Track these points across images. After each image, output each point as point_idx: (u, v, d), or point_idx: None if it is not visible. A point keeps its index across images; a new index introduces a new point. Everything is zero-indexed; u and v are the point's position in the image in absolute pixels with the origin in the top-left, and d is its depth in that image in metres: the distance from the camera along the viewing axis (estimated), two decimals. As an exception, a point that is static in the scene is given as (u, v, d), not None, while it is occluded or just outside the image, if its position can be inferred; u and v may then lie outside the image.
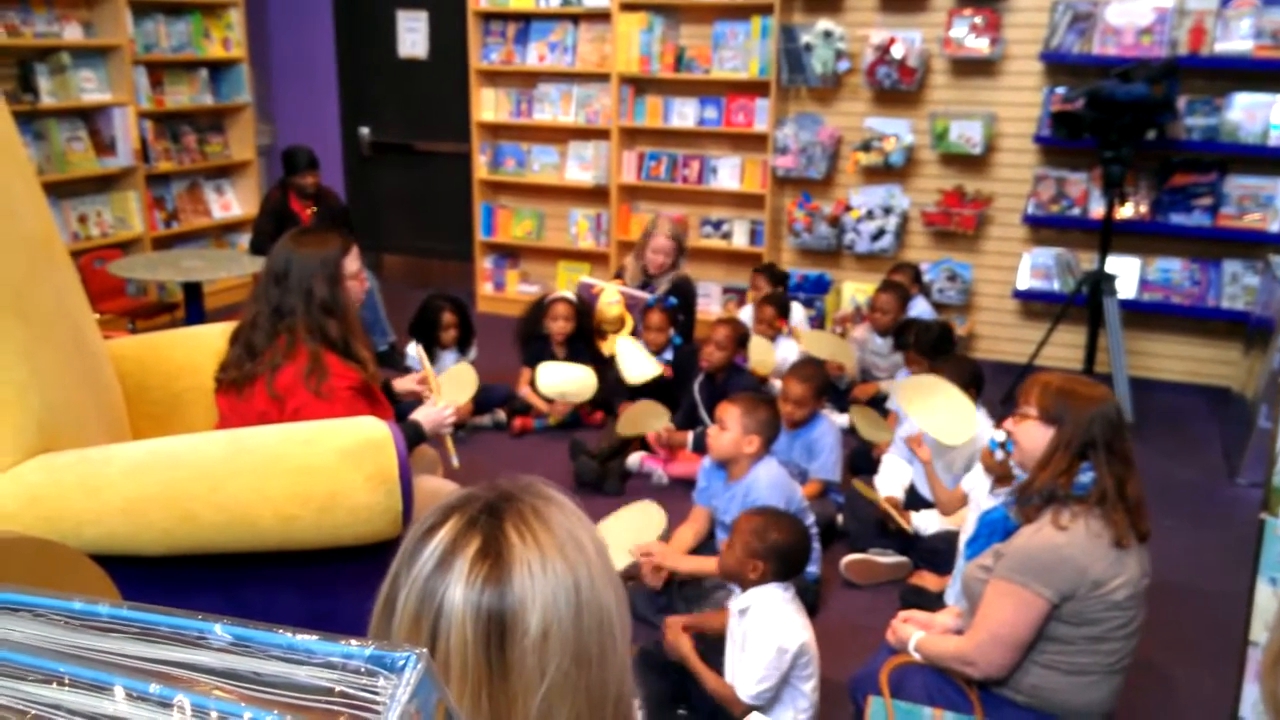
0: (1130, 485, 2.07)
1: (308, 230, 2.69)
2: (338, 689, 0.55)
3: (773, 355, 4.45)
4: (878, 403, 4.39)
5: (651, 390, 4.29)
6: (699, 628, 2.66)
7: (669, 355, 4.44)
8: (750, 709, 2.36)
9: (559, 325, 4.56)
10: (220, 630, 0.59)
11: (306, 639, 0.58)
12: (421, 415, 2.71)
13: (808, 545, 2.54)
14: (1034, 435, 2.16)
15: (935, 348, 3.98)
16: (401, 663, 0.56)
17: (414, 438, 2.62)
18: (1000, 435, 2.64)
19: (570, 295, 4.68)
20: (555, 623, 0.86)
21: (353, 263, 2.60)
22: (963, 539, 2.72)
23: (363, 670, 0.56)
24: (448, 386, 3.93)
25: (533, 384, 4.52)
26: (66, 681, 0.55)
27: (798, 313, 5.04)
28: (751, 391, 3.57)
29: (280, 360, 2.46)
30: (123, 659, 0.58)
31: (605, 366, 4.64)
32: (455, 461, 2.89)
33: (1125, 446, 2.11)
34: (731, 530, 2.55)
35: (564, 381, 4.35)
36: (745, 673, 2.38)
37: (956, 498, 3.14)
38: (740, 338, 4.24)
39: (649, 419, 3.98)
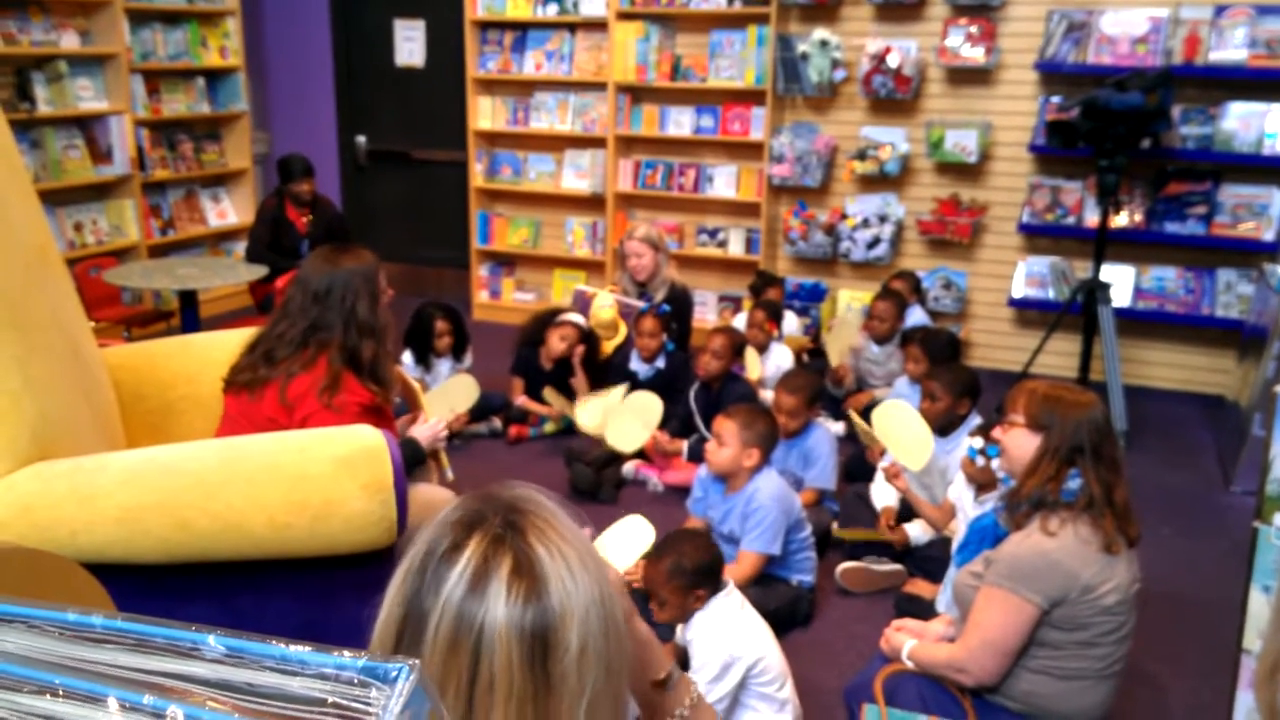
0: (1118, 491, 2.08)
1: (339, 248, 2.65)
2: (330, 700, 0.56)
3: (758, 363, 4.45)
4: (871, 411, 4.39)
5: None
6: None
7: (661, 362, 4.44)
8: None
9: (557, 345, 4.55)
10: (214, 641, 0.59)
11: (300, 650, 0.58)
12: (416, 432, 2.70)
13: (716, 546, 2.52)
14: (1022, 443, 2.17)
15: (941, 353, 4.01)
16: (394, 673, 0.56)
17: (413, 456, 2.61)
18: (978, 443, 2.64)
19: (582, 322, 4.66)
20: (590, 636, 0.87)
21: (381, 278, 2.61)
22: (953, 547, 2.73)
23: (355, 681, 0.56)
24: (448, 396, 3.95)
25: (526, 391, 4.53)
26: (60, 693, 0.55)
27: (791, 321, 5.04)
28: (748, 402, 3.56)
29: (297, 369, 2.46)
30: (116, 670, 0.58)
31: (602, 372, 4.64)
32: (450, 475, 2.89)
33: (1113, 452, 2.12)
34: (647, 585, 2.48)
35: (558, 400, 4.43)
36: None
37: (945, 511, 3.15)
38: (737, 346, 4.25)
39: (637, 428, 3.96)
